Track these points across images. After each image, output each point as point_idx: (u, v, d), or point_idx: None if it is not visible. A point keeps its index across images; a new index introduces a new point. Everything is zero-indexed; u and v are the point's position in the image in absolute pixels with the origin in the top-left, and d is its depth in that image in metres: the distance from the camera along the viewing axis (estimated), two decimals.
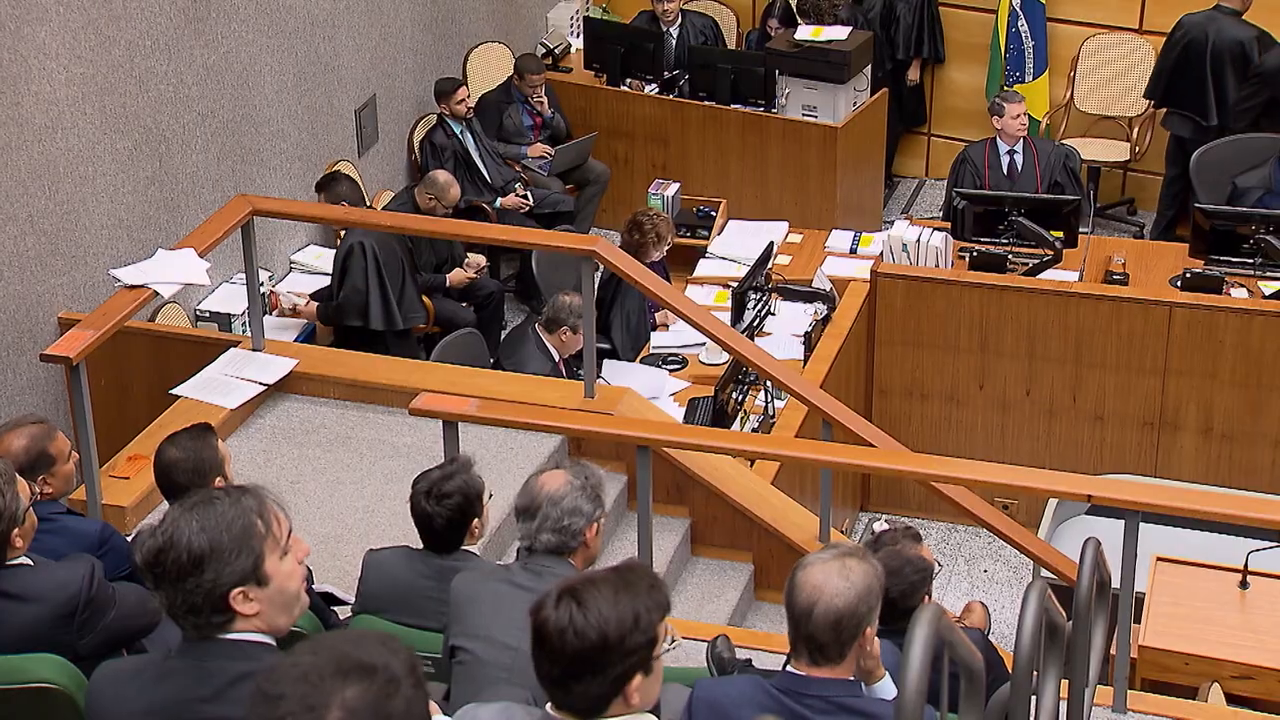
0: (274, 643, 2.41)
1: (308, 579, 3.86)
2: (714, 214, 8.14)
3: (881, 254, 7.16)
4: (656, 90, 8.62)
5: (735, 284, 6.79)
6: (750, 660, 3.90)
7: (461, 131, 8.05)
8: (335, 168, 7.55)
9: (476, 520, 3.85)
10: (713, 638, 3.99)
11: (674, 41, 8.82)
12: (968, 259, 7.02)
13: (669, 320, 6.93)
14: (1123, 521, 4.21)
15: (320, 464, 5.34)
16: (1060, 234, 6.90)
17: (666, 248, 6.98)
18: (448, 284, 7.42)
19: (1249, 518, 4.85)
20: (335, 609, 4.02)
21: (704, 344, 6.59)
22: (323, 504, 5.13)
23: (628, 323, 6.92)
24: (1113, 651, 4.26)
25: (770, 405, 6.31)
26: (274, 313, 6.88)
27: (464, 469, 3.87)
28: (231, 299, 6.71)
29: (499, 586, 3.43)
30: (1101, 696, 4.13)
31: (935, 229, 7.17)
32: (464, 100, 8.00)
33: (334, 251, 7.02)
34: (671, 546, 5.37)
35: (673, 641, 2.50)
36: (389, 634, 2.02)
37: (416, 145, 8.25)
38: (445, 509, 3.77)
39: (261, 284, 5.84)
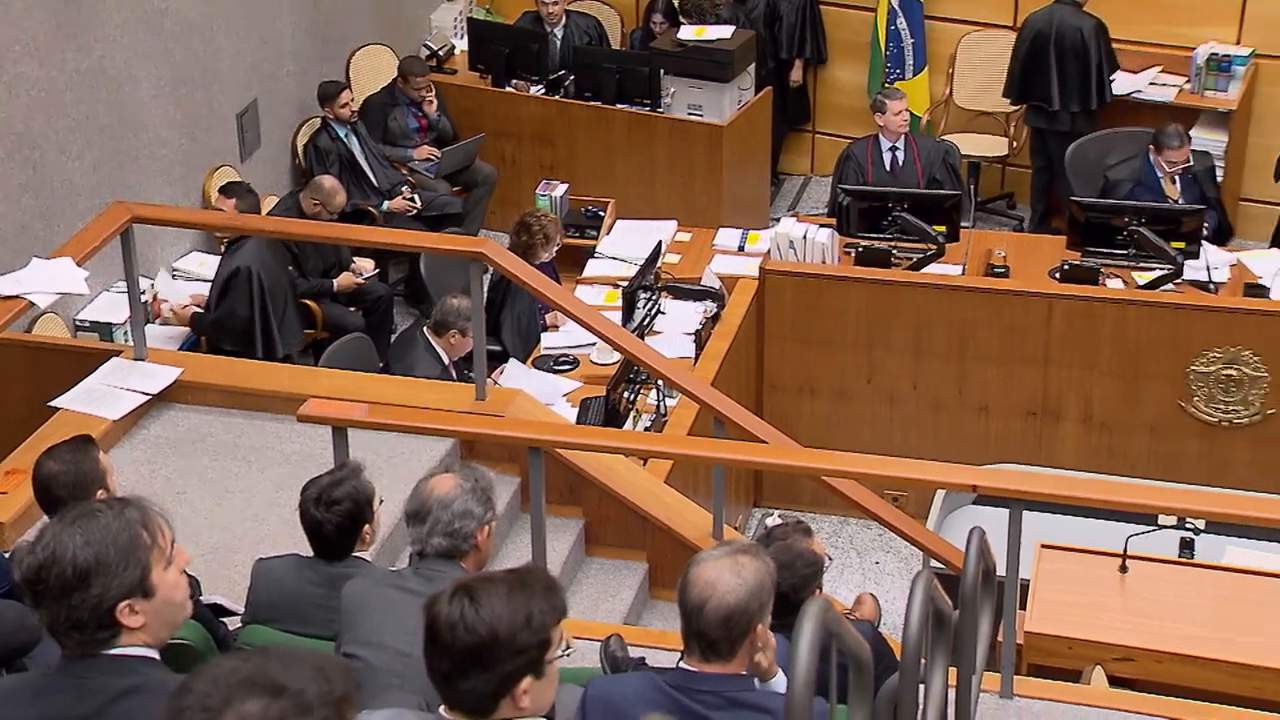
0: (158, 656, 2.38)
1: (195, 590, 3.82)
2: (602, 214, 8.16)
3: (769, 251, 7.22)
4: (542, 91, 8.62)
5: (625, 283, 6.81)
6: (644, 658, 3.91)
7: (346, 135, 7.98)
8: (218, 173, 7.45)
9: (367, 526, 3.82)
10: (606, 637, 4.01)
11: (559, 42, 8.82)
12: (853, 255, 7.11)
13: (559, 321, 6.93)
14: (1007, 510, 4.29)
15: (207, 474, 5.27)
16: (943, 229, 7.00)
17: (555, 248, 6.98)
18: (335, 289, 7.36)
19: (1127, 503, 4.98)
20: (224, 620, 3.97)
21: (595, 344, 6.60)
22: (210, 514, 5.06)
23: (518, 324, 6.91)
24: (1000, 638, 4.34)
25: (662, 404, 6.34)
26: (157, 320, 6.76)
27: (354, 474, 3.85)
28: (112, 308, 6.59)
29: (390, 592, 3.42)
30: (989, 682, 4.21)
31: (821, 225, 7.25)
32: (348, 103, 7.93)
33: (218, 258, 6.92)
34: (566, 547, 5.37)
35: (567, 648, 2.52)
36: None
37: (300, 149, 8.16)
38: (335, 515, 3.74)
39: (143, 292, 5.74)
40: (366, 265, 7.49)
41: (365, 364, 6.30)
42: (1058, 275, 6.90)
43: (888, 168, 7.69)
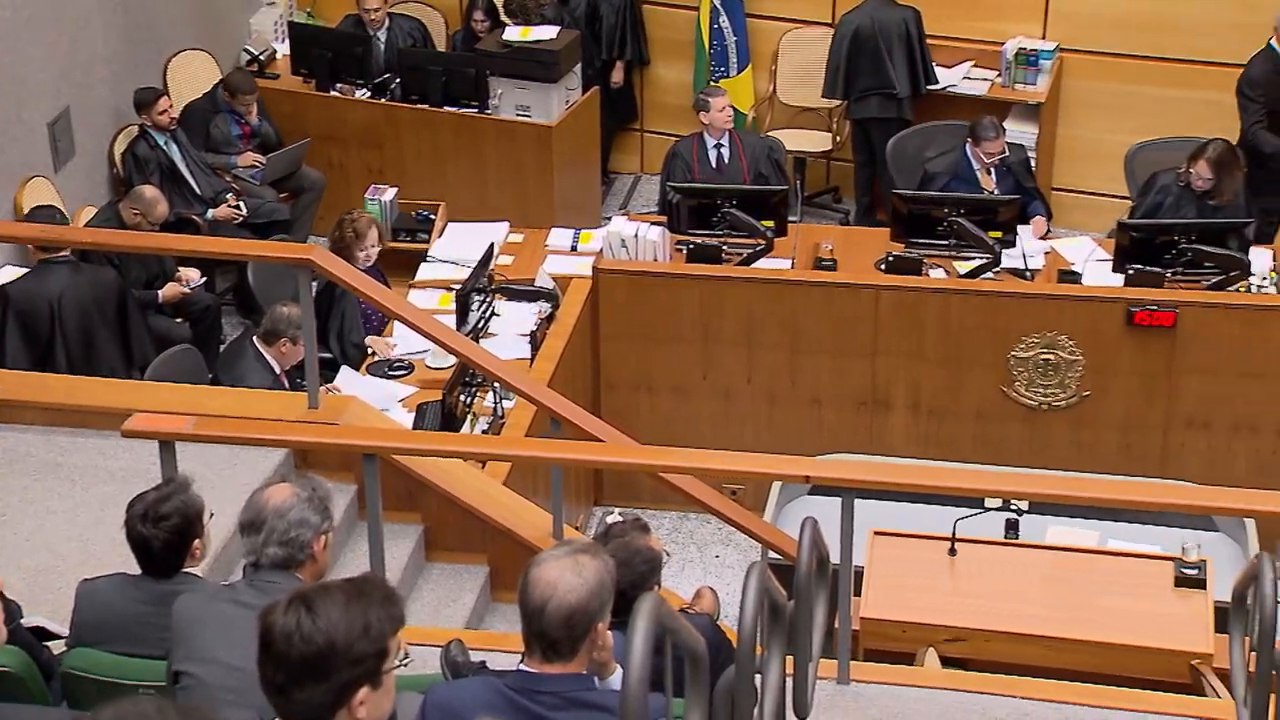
0: None
1: (16, 614, 3.70)
2: (433, 217, 8.11)
3: (602, 250, 7.25)
4: (368, 94, 8.53)
5: (458, 286, 6.78)
6: (485, 662, 3.91)
7: (166, 142, 7.79)
8: (30, 184, 7.22)
9: (197, 541, 3.75)
10: (447, 642, 3.99)
11: (382, 45, 8.74)
12: (685, 252, 7.18)
13: (389, 328, 6.88)
14: (841, 499, 4.38)
15: (29, 494, 5.10)
16: (771, 223, 7.11)
17: (374, 247, 6.91)
18: (160, 300, 7.19)
19: (954, 488, 5.14)
20: (48, 644, 3.85)
21: (430, 349, 6.56)
22: (32, 535, 4.90)
23: (348, 331, 6.83)
24: (837, 625, 4.43)
25: (499, 406, 6.32)
26: None
27: (182, 489, 3.77)
28: None
29: (223, 607, 3.36)
30: (826, 669, 4.29)
31: (652, 223, 7.30)
32: (166, 110, 7.75)
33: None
34: (405, 553, 5.33)
35: (404, 657, 2.50)
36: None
37: (118, 158, 7.95)
38: (163, 531, 3.67)
39: None
40: (192, 275, 7.33)
41: (193, 376, 6.16)
42: (883, 267, 7.05)
43: (714, 165, 7.78)
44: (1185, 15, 8.21)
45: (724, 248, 7.13)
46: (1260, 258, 6.80)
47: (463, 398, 6.20)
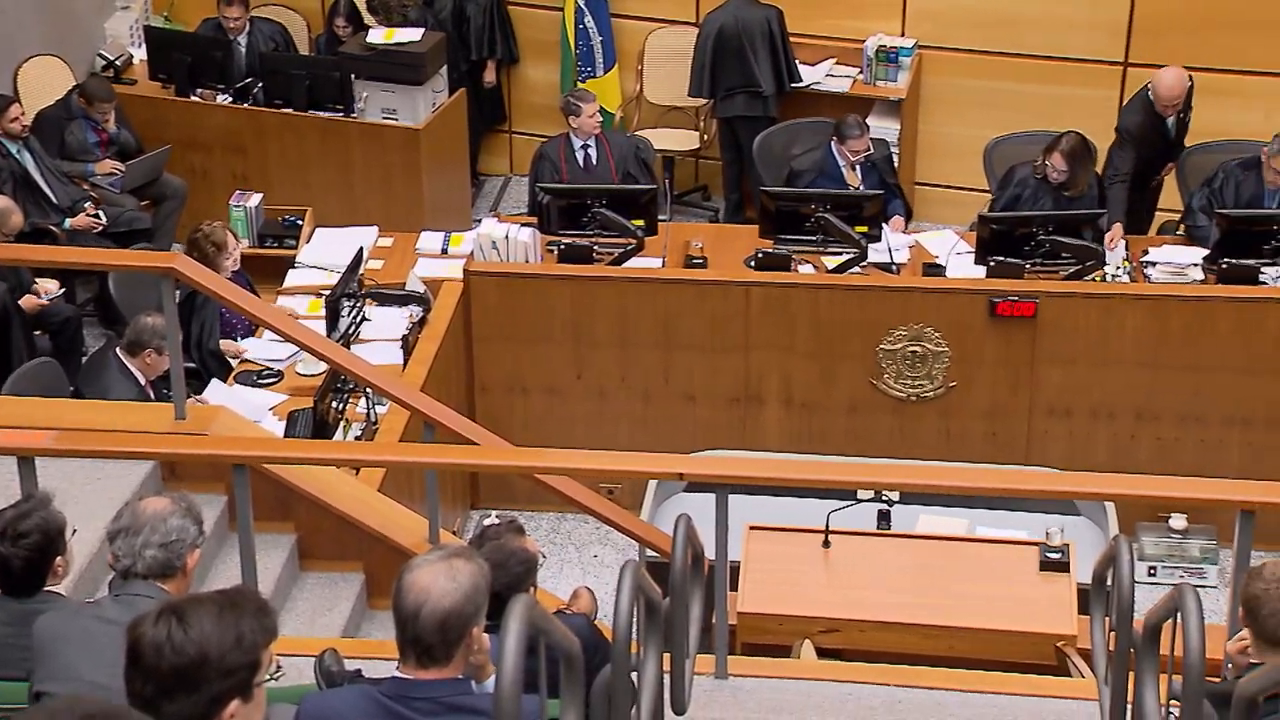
0: None
1: None
2: (300, 222, 8.00)
3: (472, 253, 7.23)
4: (230, 100, 8.40)
5: (327, 292, 6.71)
6: (360, 671, 3.87)
7: (18, 151, 7.59)
8: None
9: (59, 558, 3.66)
10: (321, 652, 3.95)
11: (243, 49, 8.61)
12: (556, 252, 7.18)
13: (259, 334, 6.78)
14: (715, 495, 4.42)
15: None
16: (641, 223, 7.13)
17: (236, 254, 6.82)
18: None
19: (827, 480, 5.22)
20: None
21: (300, 356, 6.48)
22: None
23: (208, 339, 6.72)
24: (715, 620, 4.46)
25: (372, 412, 6.27)
26: None
27: (42, 505, 3.68)
28: None
29: (88, 624, 3.29)
30: (703, 665, 4.32)
31: (523, 225, 7.29)
32: (18, 118, 7.56)
33: None
34: (278, 564, 5.27)
35: (277, 670, 2.48)
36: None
37: None
38: (23, 549, 3.58)
39: None
40: (50, 286, 7.15)
41: (53, 390, 6.01)
42: (753, 263, 7.12)
43: (582, 165, 7.79)
44: (1037, 12, 8.40)
45: (595, 248, 7.15)
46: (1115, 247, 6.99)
47: (335, 404, 6.13)
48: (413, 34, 8.25)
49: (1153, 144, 7.52)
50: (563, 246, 7.15)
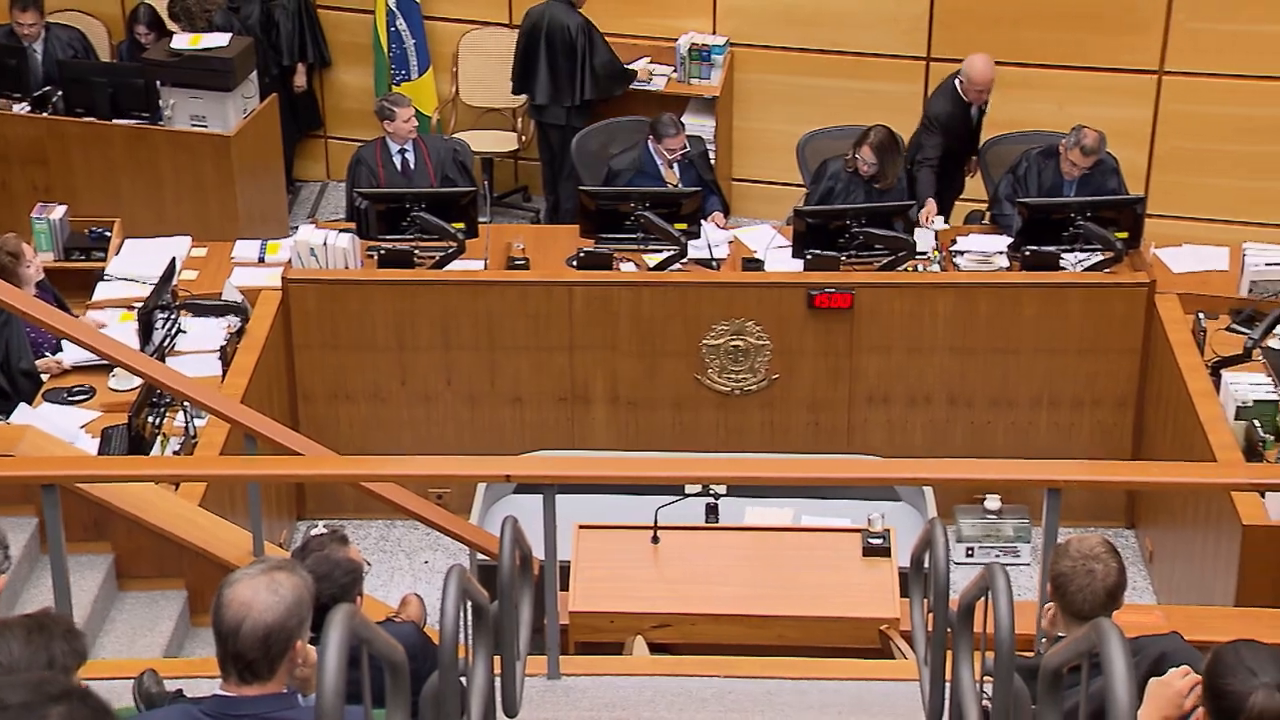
0: None
1: None
2: (108, 234, 7.77)
3: (290, 260, 7.12)
4: (28, 109, 8.12)
5: (140, 305, 6.55)
6: (181, 690, 3.79)
7: None
8: None
9: None
10: (140, 673, 3.86)
11: (39, 57, 8.34)
12: (376, 257, 7.11)
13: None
14: (543, 496, 4.42)
15: None
16: (461, 225, 7.11)
17: (37, 263, 6.60)
18: None
19: (654, 476, 5.27)
20: None
21: (113, 371, 6.31)
22: None
23: (16, 359, 6.49)
24: (547, 621, 4.47)
25: (190, 425, 6.13)
26: None
27: None
28: None
29: None
30: (536, 666, 4.33)
31: (341, 230, 7.21)
32: None
33: None
34: (95, 585, 5.13)
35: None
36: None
37: None
38: None
39: None
40: None
41: None
42: (575, 263, 7.14)
43: (399, 169, 7.73)
44: (843, 9, 8.58)
45: (415, 252, 7.10)
46: (925, 237, 7.18)
47: (151, 419, 5.99)
48: (219, 39, 8.08)
49: (958, 132, 7.74)
50: (383, 251, 7.09)
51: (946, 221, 7.57)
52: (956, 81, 7.71)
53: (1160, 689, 3.02)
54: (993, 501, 6.81)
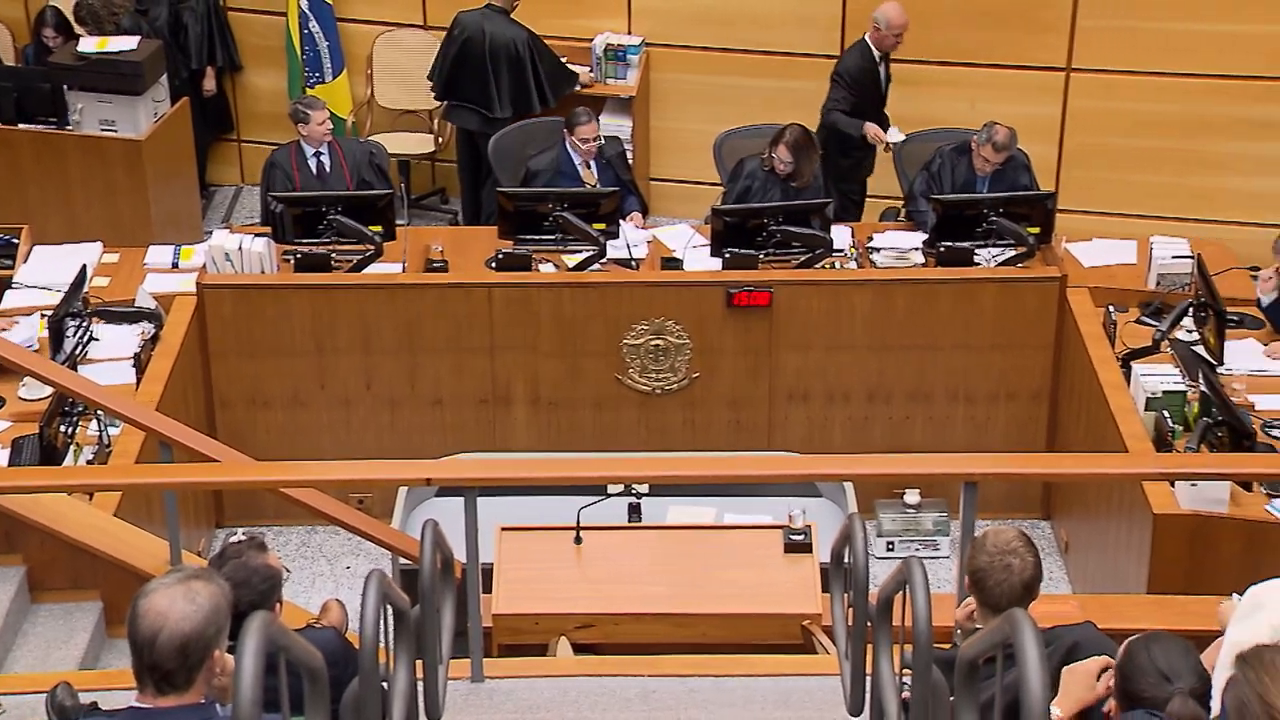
0: None
1: None
2: (16, 241, 7.63)
3: (205, 266, 7.04)
4: None
5: (50, 313, 6.45)
6: (96, 703, 3.74)
7: None
8: None
9: None
10: (53, 687, 3.80)
11: None
12: (292, 262, 7.06)
13: None
14: (464, 498, 4.41)
15: None
16: (379, 228, 7.06)
17: None
18: None
19: (576, 477, 5.27)
20: None
21: (23, 380, 6.21)
22: None
23: None
24: (470, 624, 4.46)
25: (104, 434, 6.05)
26: None
27: None
28: None
29: None
30: (459, 669, 4.32)
31: (257, 235, 7.14)
32: None
33: None
34: (7, 598, 5.05)
35: (1, 710, 2.38)
36: None
37: None
38: None
39: None
40: None
41: None
42: (494, 264, 7.13)
43: (314, 173, 7.67)
44: (758, 9, 8.62)
45: (332, 255, 7.05)
46: (841, 235, 7.24)
47: (63, 428, 5.90)
48: (128, 43, 7.98)
49: (867, 86, 7.91)
50: (299, 255, 7.04)
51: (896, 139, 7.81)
52: (867, 35, 7.89)
53: (1073, 676, 3.07)
54: (912, 496, 6.87)
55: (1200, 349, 6.30)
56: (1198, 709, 2.82)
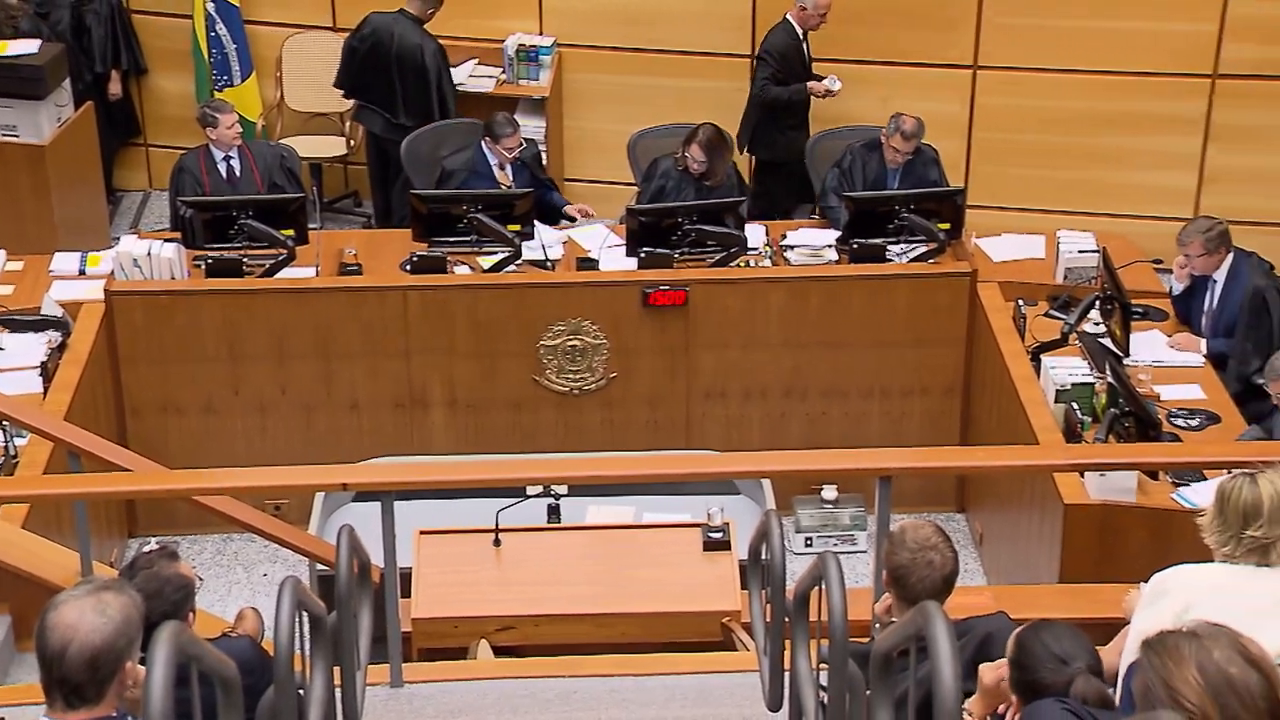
0: None
1: None
2: None
3: (113, 272, 6.94)
4: None
5: None
6: (4, 718, 3.68)
7: None
8: None
9: None
10: None
11: None
12: (203, 267, 6.98)
13: None
14: (381, 503, 4.39)
15: None
16: (291, 232, 7.01)
17: None
18: None
19: (494, 479, 5.26)
20: None
21: None
22: None
23: None
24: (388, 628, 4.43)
25: (10, 445, 5.95)
26: None
27: None
28: None
29: None
30: (378, 675, 4.29)
31: (166, 240, 7.05)
32: None
33: None
34: None
35: None
36: None
37: None
38: None
39: None
40: None
41: None
42: (408, 267, 7.09)
43: (225, 177, 7.59)
44: (668, 8, 8.63)
45: (245, 260, 6.98)
46: (755, 233, 7.28)
47: None
48: (28, 46, 7.85)
49: (793, 63, 8.05)
50: (210, 261, 6.96)
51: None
52: (790, 15, 8.04)
53: (989, 677, 3.11)
54: (829, 491, 6.93)
55: (1107, 341, 6.41)
56: (1101, 685, 2.87)
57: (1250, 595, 3.27)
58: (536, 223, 7.26)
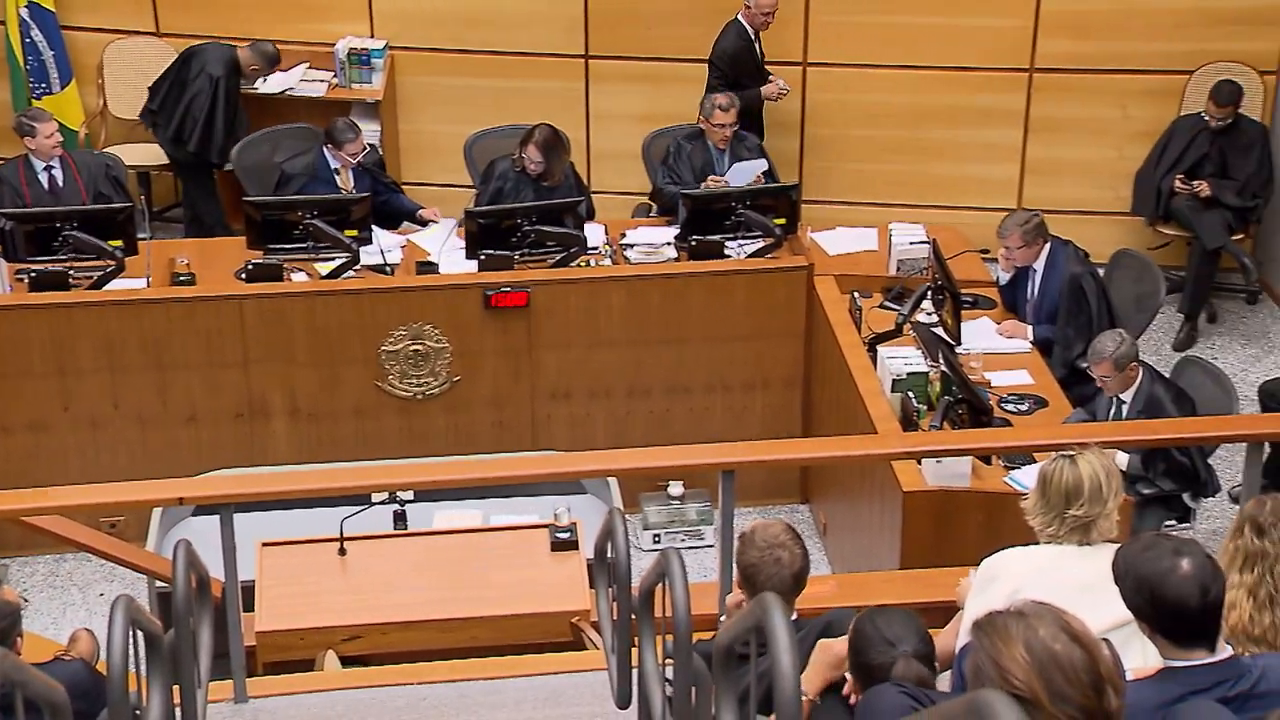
0: None
1: None
2: None
3: None
4: None
5: None
6: None
7: None
8: None
9: None
10: None
11: None
12: (27, 281, 6.78)
13: None
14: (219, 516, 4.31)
15: None
16: (119, 243, 6.86)
17: None
18: None
19: (337, 488, 5.19)
20: None
21: None
22: None
23: None
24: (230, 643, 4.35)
25: None
26: None
27: None
28: None
29: None
30: (220, 691, 4.21)
31: None
32: None
33: None
34: None
35: None
36: None
37: None
38: None
39: None
40: None
41: None
42: (244, 276, 6.97)
43: (46, 188, 7.37)
44: (500, 10, 8.60)
45: (70, 273, 6.81)
46: (595, 232, 7.31)
47: None
48: None
49: (746, 63, 8.10)
50: (34, 274, 6.77)
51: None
52: (740, 15, 8.08)
53: (822, 654, 3.17)
54: (675, 487, 6.98)
55: (940, 330, 6.57)
56: (921, 668, 2.95)
57: (1074, 573, 3.38)
58: (374, 227, 7.19)
